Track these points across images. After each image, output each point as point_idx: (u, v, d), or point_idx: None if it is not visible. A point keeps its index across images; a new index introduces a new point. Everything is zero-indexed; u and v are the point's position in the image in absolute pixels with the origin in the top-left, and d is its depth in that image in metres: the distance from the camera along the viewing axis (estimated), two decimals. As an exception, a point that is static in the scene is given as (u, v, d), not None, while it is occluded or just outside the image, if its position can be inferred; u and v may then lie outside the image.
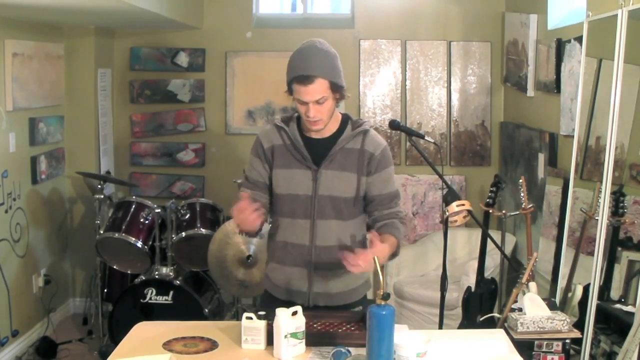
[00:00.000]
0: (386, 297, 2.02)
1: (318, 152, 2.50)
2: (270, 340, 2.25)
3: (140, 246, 4.38)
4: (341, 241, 2.51)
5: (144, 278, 4.39)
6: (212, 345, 2.32)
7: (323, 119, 2.44)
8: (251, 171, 2.59)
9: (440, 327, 3.39)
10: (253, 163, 2.58)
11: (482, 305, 3.94)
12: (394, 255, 2.51)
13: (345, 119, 2.56)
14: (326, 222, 2.50)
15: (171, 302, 4.28)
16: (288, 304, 2.46)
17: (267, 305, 2.59)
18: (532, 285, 3.01)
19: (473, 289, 4.01)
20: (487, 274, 4.18)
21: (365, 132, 2.52)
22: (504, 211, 4.06)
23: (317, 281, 2.53)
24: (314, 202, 2.49)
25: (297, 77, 2.37)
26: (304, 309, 2.42)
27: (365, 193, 2.54)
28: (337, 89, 2.42)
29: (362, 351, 2.10)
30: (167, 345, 2.30)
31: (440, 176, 3.02)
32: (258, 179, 2.57)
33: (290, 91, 2.45)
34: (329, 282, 2.54)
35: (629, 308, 2.99)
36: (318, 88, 2.36)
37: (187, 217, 4.48)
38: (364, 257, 2.24)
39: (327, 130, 2.51)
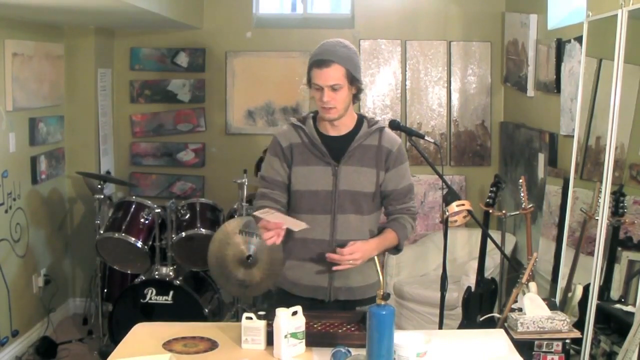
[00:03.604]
0: (386, 297, 2.03)
1: (335, 149, 2.56)
2: (270, 341, 2.25)
3: (140, 246, 4.38)
4: (360, 235, 2.56)
5: (143, 278, 4.39)
6: (212, 345, 2.32)
7: (337, 108, 2.49)
8: (269, 171, 2.63)
9: (440, 327, 3.39)
10: (272, 163, 2.62)
11: (482, 305, 3.94)
12: (397, 249, 2.64)
13: (361, 118, 2.64)
14: (346, 217, 2.55)
15: (171, 302, 4.28)
16: (308, 300, 2.55)
17: (285, 304, 2.59)
18: (532, 285, 3.01)
19: (473, 289, 4.01)
20: (487, 274, 4.18)
21: (381, 129, 2.61)
22: (504, 211, 4.06)
23: (337, 276, 2.56)
24: (335, 197, 2.54)
25: (315, 62, 2.46)
26: (325, 304, 2.52)
27: (382, 188, 2.60)
28: (353, 81, 2.49)
29: (362, 351, 2.10)
30: (167, 345, 2.31)
31: (440, 176, 3.02)
32: (277, 178, 2.61)
33: (309, 83, 2.52)
34: (349, 276, 2.58)
35: (629, 308, 2.99)
36: (334, 73, 2.44)
37: (187, 217, 4.48)
38: (347, 253, 2.43)
39: (343, 127, 2.58)
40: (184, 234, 4.41)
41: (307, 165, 2.55)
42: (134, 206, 4.51)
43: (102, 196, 4.57)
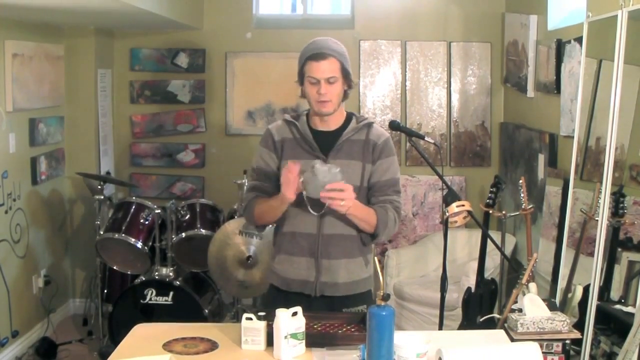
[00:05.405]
0: (386, 297, 2.02)
1: (325, 143, 2.58)
2: (270, 341, 2.25)
3: (140, 247, 4.38)
4: (347, 230, 2.57)
5: (143, 279, 4.39)
6: (212, 345, 2.32)
7: (333, 101, 2.53)
8: (259, 162, 2.66)
9: (440, 328, 3.39)
10: (262, 154, 2.66)
11: (482, 306, 3.94)
12: (373, 236, 2.58)
13: (350, 115, 2.67)
14: (333, 211, 2.53)
15: (171, 302, 4.28)
16: (296, 295, 2.55)
17: (273, 300, 2.61)
18: (532, 285, 3.01)
19: (473, 290, 4.01)
20: (487, 274, 4.17)
21: (369, 124, 2.64)
22: (504, 212, 4.06)
23: (324, 270, 2.57)
24: None
25: (311, 56, 2.49)
26: (311, 300, 2.51)
27: (368, 181, 2.62)
28: (346, 75, 2.53)
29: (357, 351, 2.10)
30: (167, 346, 2.30)
31: (440, 177, 3.02)
32: (267, 169, 2.64)
33: (301, 79, 2.56)
34: (335, 272, 2.58)
35: (629, 309, 2.99)
36: (330, 66, 2.49)
37: (187, 217, 4.48)
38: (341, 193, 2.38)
39: (333, 123, 2.61)
40: (184, 234, 4.41)
41: (297, 159, 2.55)
42: (134, 207, 4.52)
43: (102, 197, 4.57)
